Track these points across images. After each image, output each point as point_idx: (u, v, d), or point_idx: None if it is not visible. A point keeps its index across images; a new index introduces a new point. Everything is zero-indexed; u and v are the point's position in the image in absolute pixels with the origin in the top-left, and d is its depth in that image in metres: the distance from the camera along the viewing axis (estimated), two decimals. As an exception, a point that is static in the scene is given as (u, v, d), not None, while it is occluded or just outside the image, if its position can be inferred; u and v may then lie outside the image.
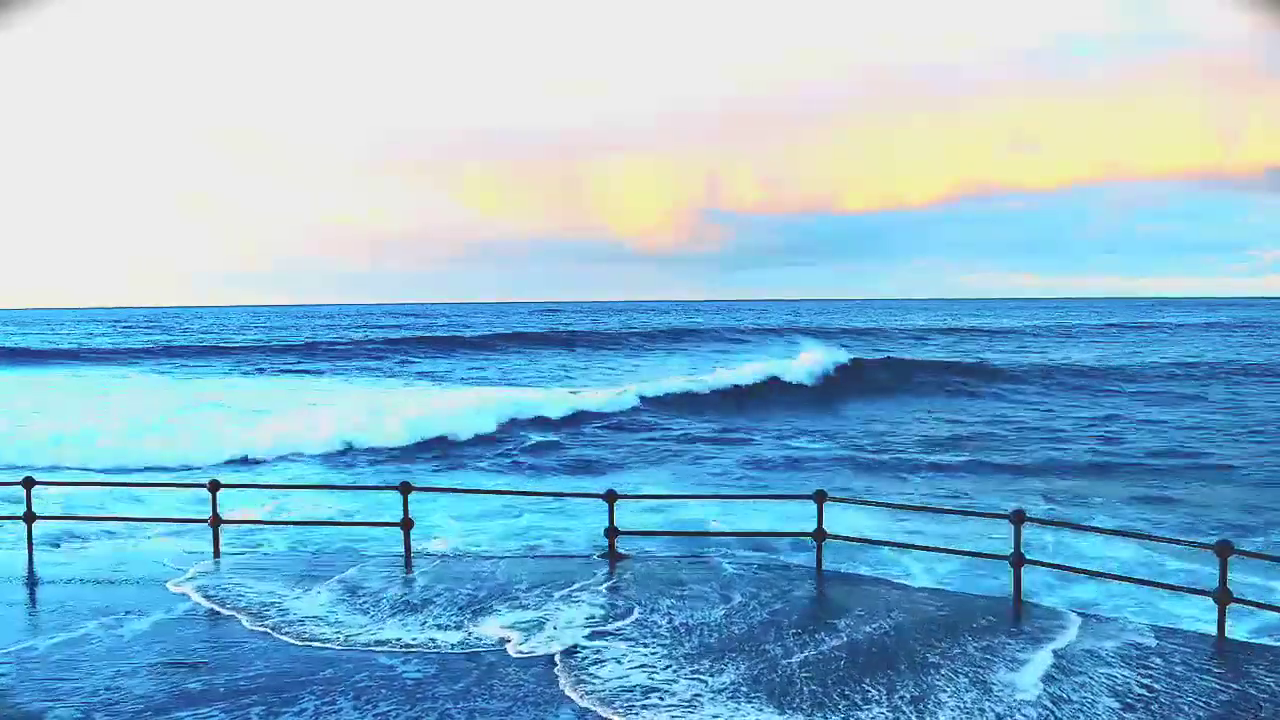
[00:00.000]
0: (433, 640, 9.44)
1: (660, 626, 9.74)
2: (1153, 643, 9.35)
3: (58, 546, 14.31)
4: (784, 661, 8.78)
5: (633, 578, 11.38)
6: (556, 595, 10.72)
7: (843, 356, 48.77)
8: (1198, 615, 11.63)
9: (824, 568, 11.81)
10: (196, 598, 10.79)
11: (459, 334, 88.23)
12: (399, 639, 9.48)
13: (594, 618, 10.01)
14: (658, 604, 10.41)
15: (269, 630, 9.74)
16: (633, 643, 9.28)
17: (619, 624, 9.82)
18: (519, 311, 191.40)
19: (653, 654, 8.99)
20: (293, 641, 9.42)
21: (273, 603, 10.63)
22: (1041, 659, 8.90)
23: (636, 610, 10.20)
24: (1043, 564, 11.55)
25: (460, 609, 10.38)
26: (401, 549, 12.49)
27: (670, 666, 8.68)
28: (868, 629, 9.65)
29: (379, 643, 9.38)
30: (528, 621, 9.91)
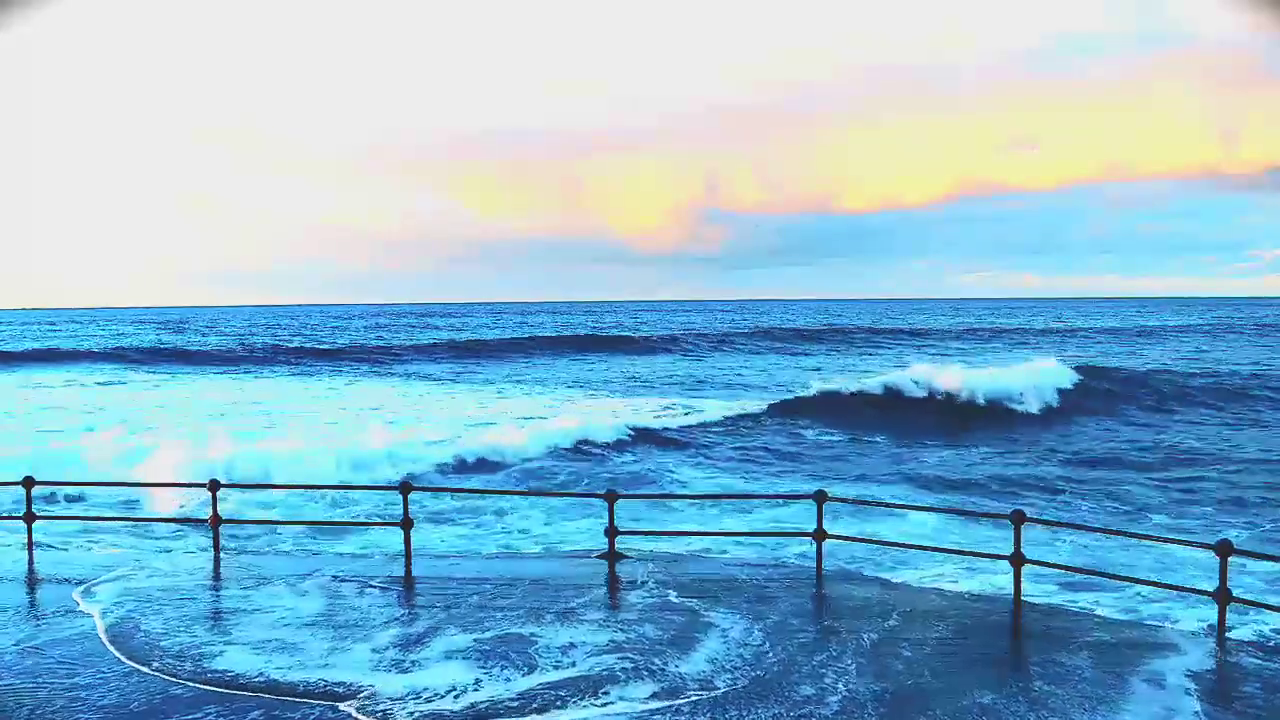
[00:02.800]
0: (344, 682, 8.23)
1: (647, 652, 8.84)
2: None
3: (67, 548, 14.33)
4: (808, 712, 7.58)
5: (631, 592, 10.83)
6: (549, 615, 9.96)
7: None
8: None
9: (824, 569, 11.79)
10: (97, 616, 9.99)
11: (567, 334, 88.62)
12: (304, 680, 8.25)
13: (575, 645, 9.06)
14: (645, 623, 9.71)
15: (130, 658, 8.78)
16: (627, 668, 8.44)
17: (597, 660, 8.67)
18: (539, 311, 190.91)
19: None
20: (147, 673, 8.41)
21: (204, 615, 10.08)
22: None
23: (624, 634, 9.34)
24: (1043, 564, 11.52)
25: (428, 630, 9.51)
26: (404, 550, 12.44)
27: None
28: (887, 649, 8.90)
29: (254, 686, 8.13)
30: (488, 650, 8.90)
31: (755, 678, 8.27)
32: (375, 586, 11.07)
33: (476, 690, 8.07)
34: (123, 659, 8.78)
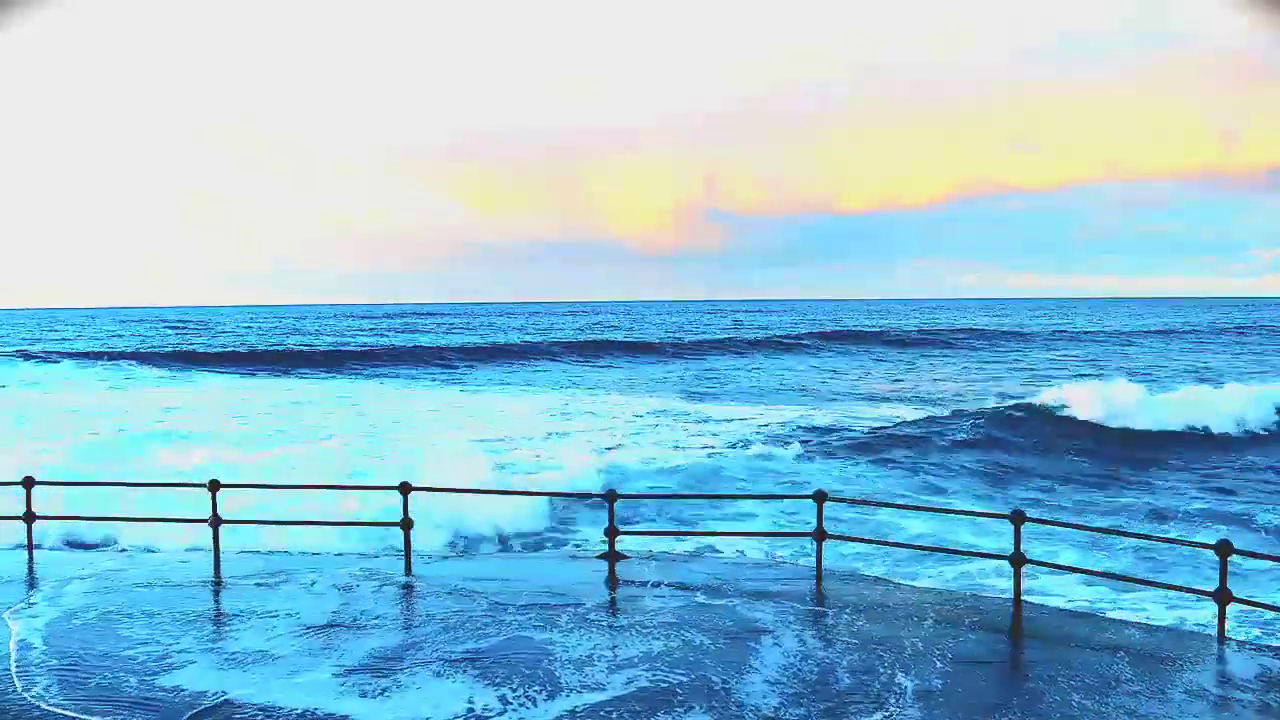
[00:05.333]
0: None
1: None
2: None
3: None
4: None
5: (642, 595, 10.63)
6: (562, 619, 9.63)
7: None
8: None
9: (824, 568, 11.78)
10: (15, 630, 9.37)
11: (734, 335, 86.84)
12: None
13: (597, 656, 8.57)
14: (666, 629, 9.38)
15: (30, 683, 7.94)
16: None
17: (628, 675, 8.08)
18: (550, 312, 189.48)
19: None
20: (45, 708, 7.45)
21: (176, 621, 9.61)
22: None
23: (650, 643, 8.95)
24: (1043, 564, 11.52)
25: (426, 637, 9.07)
26: (411, 552, 12.36)
27: None
28: (901, 657, 8.61)
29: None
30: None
31: (802, 691, 7.90)
32: (375, 589, 10.99)
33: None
34: (17, 684, 7.96)
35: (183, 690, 7.81)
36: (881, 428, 31.23)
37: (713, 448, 28.05)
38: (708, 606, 10.19)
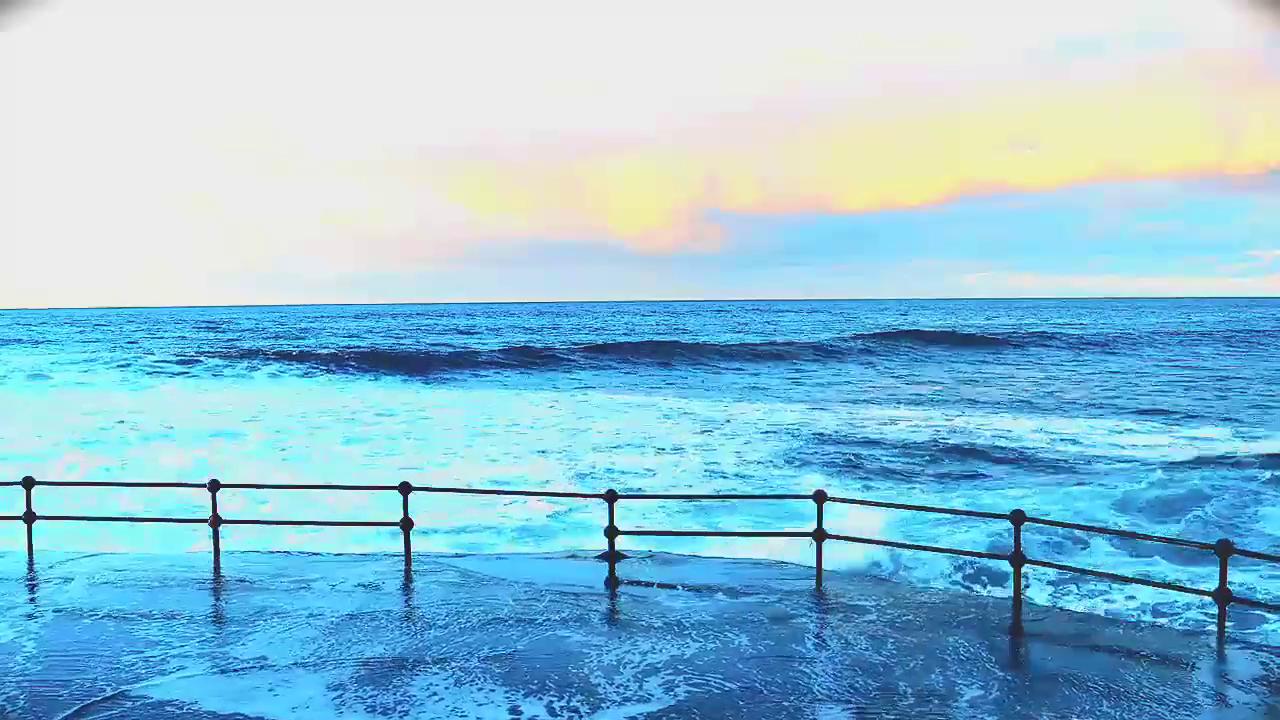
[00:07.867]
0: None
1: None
2: None
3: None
4: None
5: (656, 596, 10.58)
6: (592, 621, 9.51)
7: None
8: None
9: (824, 567, 11.78)
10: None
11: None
12: None
13: (627, 661, 8.33)
14: (690, 631, 9.28)
15: None
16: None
17: (666, 681, 7.85)
18: (559, 313, 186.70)
19: None
20: None
21: (163, 624, 9.43)
22: None
23: (678, 647, 8.77)
24: (1044, 564, 11.52)
25: (437, 641, 8.87)
26: (417, 552, 12.33)
27: None
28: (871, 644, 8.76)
29: None
30: None
31: (854, 699, 7.70)
32: (377, 590, 10.95)
33: None
34: None
35: (165, 698, 7.63)
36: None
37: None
38: (716, 606, 10.19)
